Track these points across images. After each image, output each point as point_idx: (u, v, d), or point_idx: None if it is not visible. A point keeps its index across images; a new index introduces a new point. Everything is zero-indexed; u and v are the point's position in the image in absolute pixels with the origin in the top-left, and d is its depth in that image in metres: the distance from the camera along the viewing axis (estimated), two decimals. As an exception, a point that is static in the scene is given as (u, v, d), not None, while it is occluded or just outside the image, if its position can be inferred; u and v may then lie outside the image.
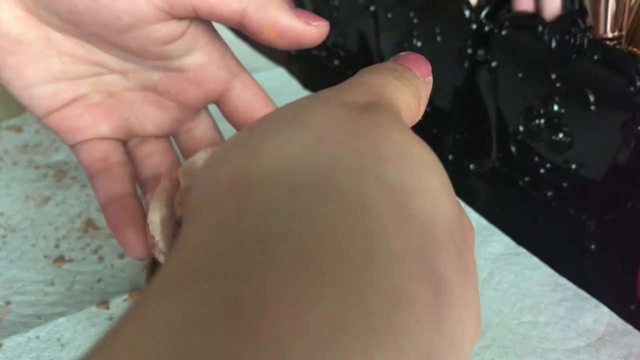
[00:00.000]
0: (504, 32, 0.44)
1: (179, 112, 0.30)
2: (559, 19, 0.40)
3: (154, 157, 0.31)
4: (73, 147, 0.29)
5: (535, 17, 0.42)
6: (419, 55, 0.22)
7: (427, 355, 0.13)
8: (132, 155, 0.31)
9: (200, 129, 0.32)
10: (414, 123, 0.21)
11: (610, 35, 0.38)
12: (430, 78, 0.22)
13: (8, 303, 0.37)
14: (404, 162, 0.16)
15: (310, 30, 0.26)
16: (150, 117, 0.30)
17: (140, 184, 0.31)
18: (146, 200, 0.29)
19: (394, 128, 0.17)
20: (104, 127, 0.29)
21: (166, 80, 0.28)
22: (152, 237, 0.24)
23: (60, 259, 0.40)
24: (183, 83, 0.28)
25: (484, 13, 0.46)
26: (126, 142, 0.31)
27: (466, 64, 0.48)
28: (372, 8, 0.54)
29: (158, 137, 0.31)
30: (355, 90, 0.19)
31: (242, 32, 0.26)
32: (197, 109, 0.31)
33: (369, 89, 0.19)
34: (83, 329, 0.35)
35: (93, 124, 0.29)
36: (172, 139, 0.33)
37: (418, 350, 0.13)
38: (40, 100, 0.27)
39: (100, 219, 0.43)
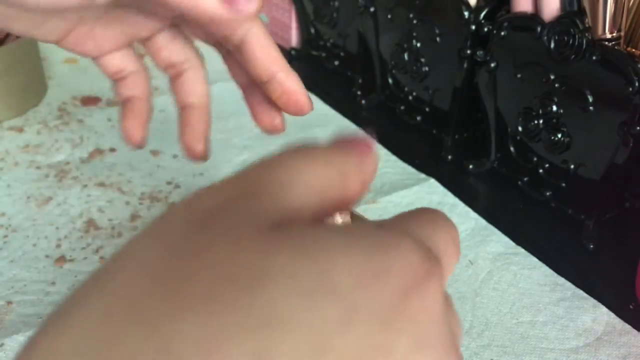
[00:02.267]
0: (503, 33, 0.44)
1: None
2: (558, 20, 0.40)
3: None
4: (94, 60, 0.33)
5: (534, 18, 0.42)
6: (356, 136, 0.19)
7: None
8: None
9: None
10: (350, 197, 0.17)
11: (608, 35, 0.39)
12: (373, 155, 0.18)
13: (9, 302, 0.37)
14: (220, 296, 0.13)
15: (236, 18, 0.26)
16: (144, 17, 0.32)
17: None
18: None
19: (222, 246, 0.14)
20: (108, 44, 0.32)
21: None
22: None
23: (61, 259, 0.40)
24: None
25: (483, 14, 0.46)
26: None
27: (465, 65, 0.48)
28: (371, 9, 0.54)
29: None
30: (220, 188, 0.15)
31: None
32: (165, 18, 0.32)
33: (243, 180, 0.16)
34: (84, 328, 0.35)
35: (98, 46, 0.31)
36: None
37: None
38: (45, 37, 0.30)
39: (101, 219, 0.44)
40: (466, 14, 0.46)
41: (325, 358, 0.12)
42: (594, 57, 0.39)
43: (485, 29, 0.46)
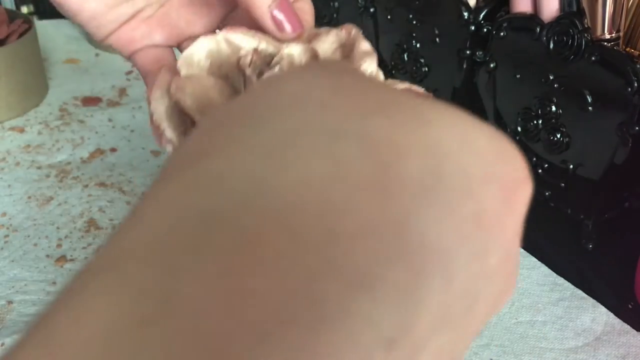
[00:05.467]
0: (502, 34, 0.44)
1: (222, 9, 0.32)
2: (557, 20, 0.40)
3: None
4: (131, 56, 0.32)
5: (533, 18, 0.42)
6: None
7: (388, 340, 0.12)
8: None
9: (239, 12, 0.33)
10: None
11: (607, 36, 0.39)
12: None
13: (10, 302, 0.37)
14: (397, 113, 0.14)
15: (280, 35, 0.28)
16: (198, 18, 0.32)
17: None
18: (147, 94, 0.30)
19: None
20: (158, 36, 0.32)
21: None
22: (158, 127, 0.24)
23: (62, 259, 0.40)
24: None
25: (482, 14, 0.46)
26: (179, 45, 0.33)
27: (465, 65, 0.48)
28: (371, 9, 0.54)
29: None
30: None
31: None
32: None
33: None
34: (84, 327, 0.35)
35: (148, 34, 0.32)
36: None
37: (377, 337, 0.12)
38: (105, 26, 0.30)
39: (101, 219, 0.44)
40: (466, 14, 0.46)
41: None
42: (593, 58, 0.39)
43: (485, 30, 0.46)
